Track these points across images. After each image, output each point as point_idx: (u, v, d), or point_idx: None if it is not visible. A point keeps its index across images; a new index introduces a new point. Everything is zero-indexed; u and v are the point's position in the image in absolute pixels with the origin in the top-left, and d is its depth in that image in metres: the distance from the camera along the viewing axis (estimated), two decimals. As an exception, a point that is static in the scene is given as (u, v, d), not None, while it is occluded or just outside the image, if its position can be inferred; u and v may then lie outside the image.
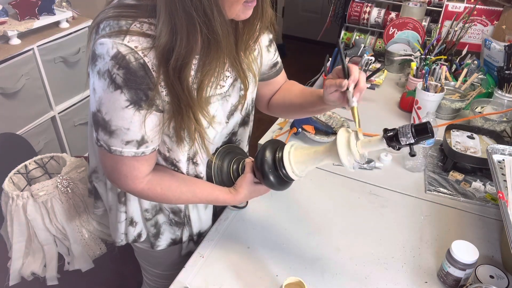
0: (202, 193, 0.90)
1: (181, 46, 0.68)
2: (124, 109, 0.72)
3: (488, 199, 1.16)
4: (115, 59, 0.68)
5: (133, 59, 0.68)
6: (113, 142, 0.76)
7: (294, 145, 0.86)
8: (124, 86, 0.70)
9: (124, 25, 0.69)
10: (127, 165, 0.79)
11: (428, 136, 0.70)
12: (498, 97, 1.44)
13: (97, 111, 0.74)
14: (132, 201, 0.95)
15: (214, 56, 0.72)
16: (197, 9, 0.65)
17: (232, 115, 0.92)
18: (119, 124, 0.73)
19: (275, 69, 1.01)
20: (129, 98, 0.71)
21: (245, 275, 0.93)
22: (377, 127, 1.46)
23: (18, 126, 1.88)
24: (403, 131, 0.71)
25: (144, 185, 0.84)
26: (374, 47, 2.22)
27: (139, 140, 0.76)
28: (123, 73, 0.68)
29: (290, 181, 0.86)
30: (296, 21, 4.58)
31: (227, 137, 0.97)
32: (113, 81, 0.69)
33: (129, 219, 0.97)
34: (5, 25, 1.81)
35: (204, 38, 0.69)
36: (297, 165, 0.83)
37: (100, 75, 0.70)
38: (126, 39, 0.68)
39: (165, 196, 0.87)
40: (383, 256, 0.99)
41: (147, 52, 0.69)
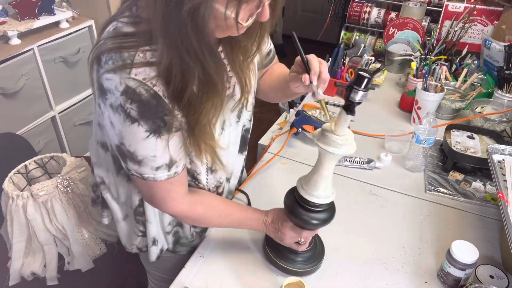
0: (238, 209, 0.92)
1: (176, 81, 0.68)
2: (145, 139, 0.72)
3: (488, 199, 1.16)
4: (126, 94, 0.67)
5: (143, 91, 0.67)
6: (143, 170, 0.76)
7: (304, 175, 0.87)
8: (140, 118, 0.69)
9: (127, 57, 0.67)
10: (162, 189, 0.80)
11: (362, 82, 0.70)
12: (498, 97, 1.44)
13: (121, 144, 0.74)
14: (154, 223, 0.94)
15: (211, 95, 0.72)
16: (189, 52, 0.65)
17: (241, 112, 0.93)
18: (144, 154, 0.74)
19: (269, 57, 1.01)
20: (147, 128, 0.71)
21: (245, 275, 0.93)
22: (377, 127, 1.47)
23: (18, 126, 1.88)
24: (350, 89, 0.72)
25: (185, 206, 0.85)
26: (374, 47, 2.22)
27: (168, 163, 0.77)
28: (137, 106, 0.68)
29: (317, 208, 0.84)
30: (296, 21, 4.58)
31: (240, 134, 0.97)
32: (128, 115, 0.69)
33: (151, 240, 0.97)
34: (5, 25, 1.81)
35: (200, 78, 0.69)
36: (309, 186, 0.83)
37: (114, 109, 0.70)
38: (132, 73, 0.67)
39: (206, 215, 0.88)
40: (383, 256, 0.99)
41: (156, 81, 0.68)
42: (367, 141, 1.41)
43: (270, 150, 1.35)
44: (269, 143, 1.39)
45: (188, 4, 0.60)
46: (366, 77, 0.70)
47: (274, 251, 0.94)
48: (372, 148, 1.38)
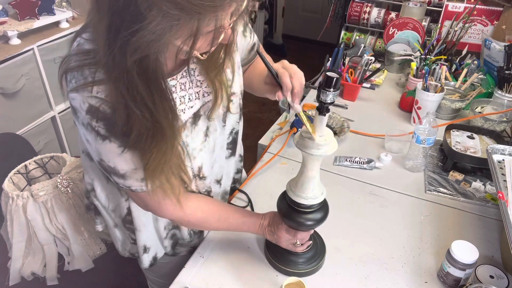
0: (237, 213, 0.92)
1: (120, 123, 0.65)
2: (121, 154, 0.71)
3: (488, 199, 1.16)
4: (91, 113, 0.66)
5: (108, 109, 0.66)
6: (130, 183, 0.75)
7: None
8: (109, 135, 0.68)
9: (88, 75, 0.65)
10: (155, 197, 0.79)
11: (331, 82, 0.71)
12: (498, 97, 1.44)
13: (101, 160, 0.73)
14: (143, 232, 0.94)
15: (159, 141, 0.68)
16: (135, 99, 0.61)
17: (226, 116, 0.91)
18: (125, 168, 0.73)
19: (253, 51, 0.99)
20: (120, 144, 0.69)
21: (245, 275, 0.93)
22: (377, 127, 1.47)
23: (18, 126, 1.88)
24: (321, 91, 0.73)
25: (184, 210, 0.84)
26: (374, 47, 2.22)
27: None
28: (103, 124, 0.67)
29: (308, 209, 0.85)
30: (296, 21, 4.58)
31: (229, 137, 0.96)
32: (98, 133, 0.68)
33: (142, 248, 0.96)
34: (5, 25, 1.81)
35: (147, 126, 0.64)
36: (296, 188, 0.84)
37: (85, 127, 0.69)
38: (94, 91, 0.65)
39: (206, 219, 0.88)
40: (383, 256, 0.99)
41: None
42: (367, 141, 1.41)
43: (270, 150, 1.35)
44: (269, 143, 1.39)
45: (134, 56, 0.56)
46: (335, 78, 0.71)
47: (275, 254, 0.95)
48: (372, 148, 1.38)
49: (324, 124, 0.76)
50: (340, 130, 1.43)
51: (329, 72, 0.71)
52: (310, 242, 0.94)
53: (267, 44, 4.03)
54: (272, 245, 0.96)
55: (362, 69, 1.62)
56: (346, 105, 1.61)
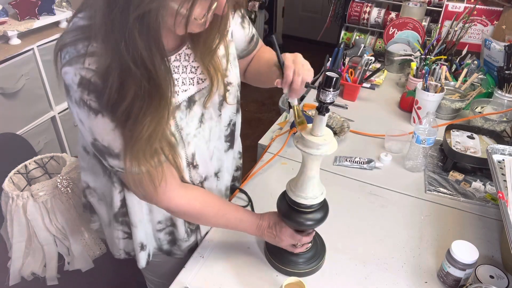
0: (235, 210, 0.91)
1: (112, 88, 0.64)
2: (114, 130, 0.69)
3: (488, 199, 1.16)
4: (82, 86, 0.65)
5: (98, 80, 0.65)
6: (124, 163, 0.74)
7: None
8: (101, 109, 0.67)
9: (81, 48, 0.66)
10: (149, 181, 0.77)
11: (330, 82, 0.71)
12: (498, 97, 1.44)
13: (94, 140, 0.72)
14: (139, 228, 0.93)
15: (157, 105, 0.67)
16: (135, 60, 0.61)
17: (222, 105, 0.89)
18: (119, 146, 0.72)
19: (253, 42, 0.99)
20: (112, 118, 0.68)
21: (245, 275, 0.93)
22: (377, 127, 1.47)
23: (18, 126, 1.88)
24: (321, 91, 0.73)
25: (182, 199, 0.83)
26: (374, 47, 2.22)
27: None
28: (95, 96, 0.66)
29: (308, 209, 0.85)
30: (296, 21, 4.58)
31: (227, 129, 0.95)
32: (90, 108, 0.67)
33: (139, 245, 0.95)
34: (5, 25, 1.81)
35: (144, 89, 0.64)
36: (296, 188, 0.84)
37: (77, 105, 0.68)
38: (86, 63, 0.65)
39: (204, 212, 0.87)
40: (383, 256, 0.99)
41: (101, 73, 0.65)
42: (367, 141, 1.41)
43: (270, 150, 1.35)
44: (269, 143, 1.39)
45: (136, 11, 0.57)
46: (334, 77, 0.71)
47: (275, 254, 0.95)
48: (372, 148, 1.38)
49: (324, 124, 0.76)
50: (340, 130, 1.43)
51: (329, 72, 0.72)
52: (310, 244, 0.94)
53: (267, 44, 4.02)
54: (272, 245, 0.96)
55: (362, 69, 1.62)
56: (346, 105, 1.61)
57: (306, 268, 0.92)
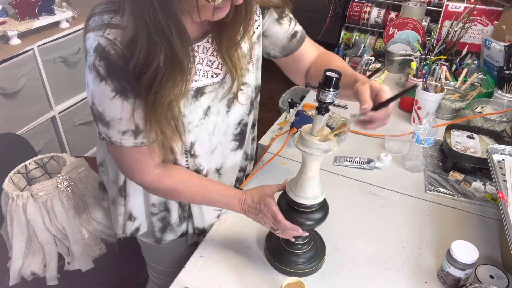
0: (213, 184, 0.90)
1: (139, 56, 0.69)
2: (112, 99, 0.74)
3: (488, 199, 1.16)
4: (97, 51, 0.70)
5: (112, 50, 0.70)
6: (111, 133, 0.78)
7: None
8: (107, 77, 0.72)
9: (106, 19, 0.72)
10: (129, 157, 0.81)
11: (331, 83, 0.71)
12: (498, 97, 1.44)
13: (92, 104, 0.77)
14: (132, 197, 0.97)
15: (177, 73, 0.72)
16: (156, 27, 0.66)
17: (233, 103, 0.91)
18: (111, 115, 0.75)
19: (295, 39, 0.97)
20: (114, 88, 0.73)
21: (245, 275, 0.93)
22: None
23: (18, 126, 1.88)
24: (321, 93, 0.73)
25: (154, 177, 0.85)
26: (374, 47, 2.22)
27: (134, 129, 0.78)
28: (104, 64, 0.71)
29: (308, 209, 0.85)
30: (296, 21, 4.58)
31: (238, 128, 0.96)
32: (98, 73, 0.72)
33: (128, 214, 0.99)
34: (5, 25, 1.81)
35: (166, 55, 0.69)
36: (296, 188, 0.84)
37: (89, 69, 0.73)
38: (106, 32, 0.70)
39: (175, 188, 0.87)
40: (383, 256, 0.99)
41: (126, 44, 0.70)
42: (367, 141, 1.41)
43: (270, 150, 1.35)
44: (269, 143, 1.39)
45: None
46: (334, 77, 0.70)
47: (275, 254, 0.94)
48: (372, 148, 1.38)
49: (323, 124, 0.76)
50: (340, 130, 1.43)
51: (329, 72, 0.71)
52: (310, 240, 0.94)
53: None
54: (272, 245, 0.96)
55: (362, 69, 1.62)
56: (346, 105, 1.60)
57: (306, 268, 0.92)
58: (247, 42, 0.89)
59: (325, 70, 0.72)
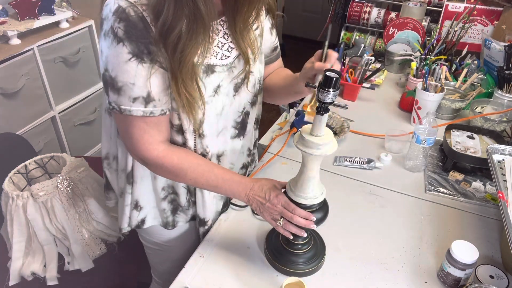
0: (218, 169, 0.90)
1: (168, 13, 0.71)
2: (127, 62, 0.74)
3: (488, 199, 1.16)
4: (116, 13, 0.72)
5: (132, 12, 0.72)
6: (121, 100, 0.78)
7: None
8: (125, 38, 0.73)
9: None
10: (137, 127, 0.81)
11: (331, 82, 0.72)
12: (498, 97, 1.44)
13: (105, 70, 0.77)
14: (139, 184, 0.96)
15: (200, 30, 0.74)
16: None
17: (240, 88, 0.93)
18: (124, 79, 0.76)
19: (275, 52, 1.06)
20: (131, 50, 0.74)
21: (245, 275, 0.93)
22: (377, 127, 1.47)
23: (18, 126, 1.88)
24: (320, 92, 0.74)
25: (159, 152, 0.85)
26: (374, 47, 2.22)
27: (145, 97, 0.78)
28: (124, 25, 0.72)
29: (308, 209, 0.84)
30: (296, 21, 4.58)
31: (240, 116, 0.98)
32: (116, 35, 0.73)
33: (134, 203, 0.99)
34: (5, 25, 1.81)
35: (190, 11, 0.72)
36: (296, 188, 0.84)
37: (105, 36, 0.74)
38: None
39: (181, 165, 0.86)
40: (383, 256, 0.99)
41: (146, 7, 0.73)
42: (367, 141, 1.41)
43: (270, 150, 1.35)
44: (269, 143, 1.39)
45: None
46: (334, 77, 0.70)
47: (275, 254, 0.94)
48: (372, 148, 1.38)
49: (324, 124, 0.76)
50: (340, 130, 1.43)
51: (328, 72, 0.71)
52: (310, 240, 0.94)
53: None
54: (272, 245, 0.96)
55: (362, 69, 1.62)
56: (346, 105, 1.59)
57: (306, 268, 0.92)
58: (259, 28, 0.93)
59: (325, 70, 0.72)
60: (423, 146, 1.21)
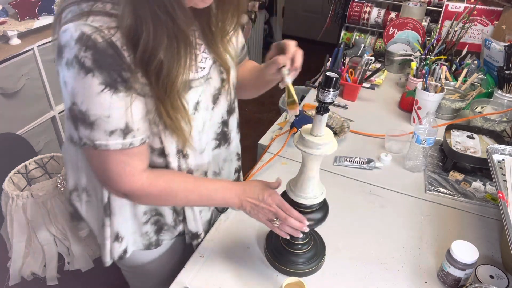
0: (207, 181, 0.86)
1: (148, 37, 0.64)
2: (99, 94, 0.66)
3: (488, 199, 1.16)
4: (81, 41, 0.63)
5: (99, 38, 0.64)
6: (96, 135, 0.70)
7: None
8: (94, 68, 0.65)
9: (85, 7, 0.66)
10: (117, 161, 0.74)
11: (330, 82, 0.72)
12: (498, 97, 1.44)
13: (72, 104, 0.69)
14: (118, 215, 0.89)
15: (183, 49, 0.69)
16: (159, 6, 0.63)
17: (218, 99, 0.88)
18: (98, 113, 0.68)
19: (244, 50, 1.00)
20: (102, 80, 0.66)
21: (245, 275, 0.93)
22: (377, 127, 1.47)
23: (18, 126, 1.88)
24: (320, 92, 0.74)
25: (144, 181, 0.78)
26: (374, 47, 2.22)
27: (124, 128, 0.71)
28: (91, 54, 0.64)
29: (308, 209, 0.85)
30: (296, 21, 4.58)
31: (219, 127, 0.93)
32: (83, 66, 0.64)
33: (114, 235, 0.91)
34: (5, 25, 1.81)
35: (170, 30, 0.66)
36: (296, 188, 0.84)
37: (68, 66, 0.66)
38: (89, 19, 0.64)
39: (169, 189, 0.81)
40: (383, 256, 0.99)
41: (114, 31, 0.65)
42: (367, 141, 1.41)
43: (270, 150, 1.35)
44: (269, 143, 1.39)
45: None
46: (334, 78, 0.71)
47: (275, 254, 0.94)
48: (372, 148, 1.38)
49: (324, 124, 0.77)
50: (340, 130, 1.43)
51: (328, 72, 0.72)
52: (311, 241, 0.94)
53: (267, 44, 4.03)
54: (272, 245, 0.96)
55: (362, 69, 1.62)
56: (346, 105, 1.61)
57: (306, 268, 0.92)
58: (234, 35, 0.88)
59: (325, 71, 0.72)
60: (423, 146, 1.21)
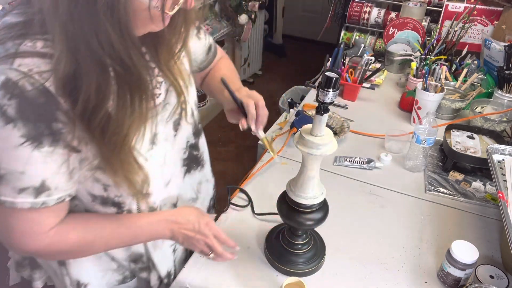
0: (129, 218, 0.75)
1: (90, 90, 0.56)
2: (17, 147, 0.57)
3: (488, 199, 1.16)
4: (5, 88, 0.55)
5: (28, 86, 0.55)
6: (2, 190, 0.60)
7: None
8: (18, 118, 0.56)
9: (11, 47, 0.56)
10: (23, 220, 0.63)
11: (330, 82, 0.71)
12: (498, 97, 1.44)
13: None
14: (73, 262, 0.81)
15: (136, 99, 0.61)
16: (111, 56, 0.55)
17: (179, 125, 0.81)
18: (10, 167, 0.58)
19: (211, 52, 0.96)
20: (25, 133, 0.56)
21: (245, 275, 0.93)
22: (377, 127, 1.47)
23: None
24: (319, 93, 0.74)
25: (51, 238, 0.67)
26: (374, 47, 2.22)
27: (38, 186, 0.61)
28: (16, 103, 0.55)
29: (308, 209, 0.84)
30: (296, 21, 4.58)
31: (185, 152, 0.86)
32: (4, 114, 0.55)
33: (75, 284, 0.83)
34: (5, 25, 1.81)
35: (121, 79, 0.58)
36: (296, 188, 0.84)
37: None
38: (16, 63, 0.55)
39: (83, 241, 0.71)
40: (383, 256, 0.99)
41: (48, 75, 0.56)
42: (367, 141, 1.41)
43: (270, 150, 1.35)
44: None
45: (103, 2, 0.51)
46: (334, 78, 0.71)
47: (275, 253, 0.95)
48: (372, 148, 1.38)
49: (324, 124, 0.77)
50: (340, 130, 1.43)
51: (328, 72, 0.72)
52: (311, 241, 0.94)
53: (267, 44, 4.04)
54: (272, 245, 0.96)
55: (362, 69, 1.62)
56: (346, 105, 1.61)
57: (306, 268, 0.93)
58: (186, 55, 0.81)
59: (325, 71, 0.72)
60: (423, 146, 1.21)
